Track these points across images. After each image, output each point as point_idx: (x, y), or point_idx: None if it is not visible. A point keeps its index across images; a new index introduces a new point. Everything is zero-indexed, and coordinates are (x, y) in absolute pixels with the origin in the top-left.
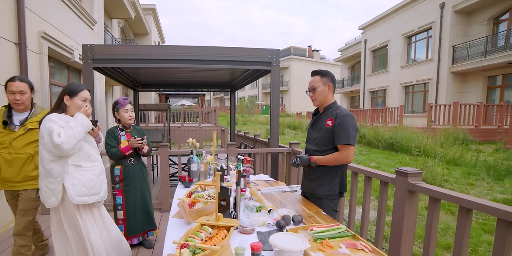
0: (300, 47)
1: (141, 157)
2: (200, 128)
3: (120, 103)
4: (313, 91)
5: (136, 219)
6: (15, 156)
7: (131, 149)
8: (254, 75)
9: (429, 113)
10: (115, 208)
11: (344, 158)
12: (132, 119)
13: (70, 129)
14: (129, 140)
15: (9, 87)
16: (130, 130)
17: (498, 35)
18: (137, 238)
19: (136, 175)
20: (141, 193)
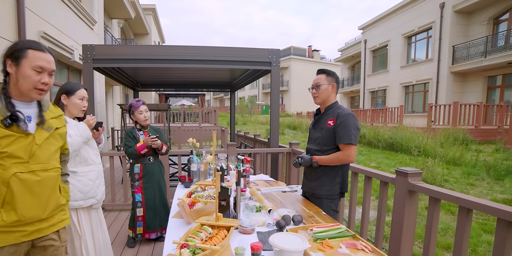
0: (300, 47)
1: (159, 156)
2: (200, 128)
3: (134, 105)
4: (317, 88)
5: (156, 215)
6: (44, 175)
7: (146, 148)
8: (254, 75)
9: (429, 113)
10: (134, 205)
11: (346, 157)
12: (148, 119)
13: (69, 137)
14: (144, 139)
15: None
16: (148, 130)
17: (498, 35)
18: (156, 233)
19: (155, 172)
20: (160, 190)
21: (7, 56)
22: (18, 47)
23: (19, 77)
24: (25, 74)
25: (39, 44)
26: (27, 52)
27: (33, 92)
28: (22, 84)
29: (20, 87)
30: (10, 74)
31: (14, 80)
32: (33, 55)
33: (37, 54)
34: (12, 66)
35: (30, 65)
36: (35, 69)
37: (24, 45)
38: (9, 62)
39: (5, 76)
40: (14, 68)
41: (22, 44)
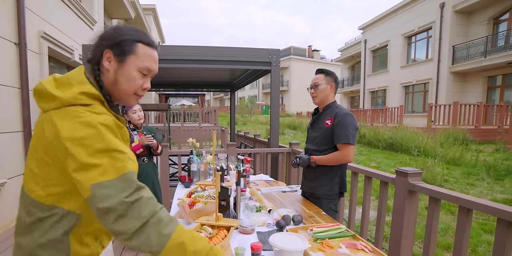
0: (300, 47)
1: (153, 157)
2: (200, 128)
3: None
4: (315, 88)
5: None
6: None
7: (141, 148)
8: (254, 75)
9: (429, 113)
10: None
11: (344, 157)
12: (142, 119)
13: None
14: (140, 139)
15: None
16: (141, 130)
17: (498, 35)
18: None
19: (149, 173)
20: (154, 191)
21: (109, 46)
22: (125, 37)
23: (120, 77)
24: (129, 75)
25: (150, 37)
26: (137, 46)
27: (131, 98)
28: (123, 87)
29: (119, 90)
30: (104, 69)
31: (111, 78)
32: (144, 52)
33: (148, 51)
34: (112, 60)
35: (138, 65)
36: (141, 71)
37: (133, 36)
38: (109, 54)
39: (97, 69)
40: (115, 64)
41: (130, 33)
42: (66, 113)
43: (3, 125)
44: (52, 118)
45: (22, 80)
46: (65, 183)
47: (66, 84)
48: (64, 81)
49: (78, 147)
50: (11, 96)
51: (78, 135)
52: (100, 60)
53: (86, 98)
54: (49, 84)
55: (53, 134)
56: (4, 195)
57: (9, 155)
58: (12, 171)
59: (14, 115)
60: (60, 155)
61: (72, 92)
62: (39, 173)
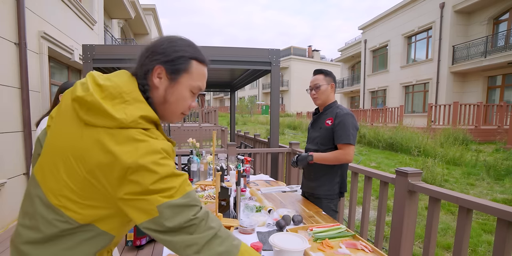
0: (300, 47)
1: None
2: (200, 128)
3: None
4: (317, 90)
5: None
6: None
7: None
8: (254, 75)
9: (429, 113)
10: None
11: (344, 157)
12: None
13: None
14: None
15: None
16: None
17: (498, 35)
18: (145, 238)
19: None
20: None
21: (161, 62)
22: (180, 54)
23: (170, 96)
24: (180, 95)
25: (204, 53)
26: (191, 64)
27: (177, 117)
28: (172, 106)
29: (167, 109)
30: (153, 85)
31: (159, 97)
32: (197, 70)
33: (201, 69)
34: (163, 77)
35: (190, 84)
36: (193, 90)
37: (189, 53)
38: (160, 70)
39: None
40: (166, 82)
41: (186, 49)
42: (125, 138)
43: (3, 125)
44: (104, 140)
45: (22, 80)
46: (111, 206)
47: (117, 97)
48: (114, 93)
49: (144, 173)
50: (11, 96)
51: (143, 161)
52: (148, 75)
53: (145, 122)
54: (97, 94)
55: (108, 159)
56: (4, 195)
57: (9, 155)
58: (12, 171)
59: (14, 115)
60: (112, 181)
61: (132, 115)
62: (78, 191)
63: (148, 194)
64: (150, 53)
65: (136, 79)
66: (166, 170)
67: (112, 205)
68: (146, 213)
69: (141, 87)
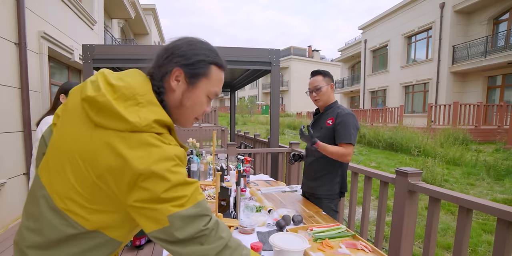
0: (300, 47)
1: None
2: (200, 128)
3: None
4: (317, 91)
5: None
6: None
7: None
8: (254, 75)
9: (429, 113)
10: None
11: (344, 156)
12: None
13: None
14: None
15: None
16: None
17: (498, 35)
18: (144, 238)
19: None
20: None
21: (181, 65)
22: (201, 58)
23: (186, 101)
24: (197, 99)
25: (223, 58)
26: (211, 69)
27: (191, 122)
28: (187, 111)
29: (182, 114)
30: (170, 87)
31: (175, 101)
32: (216, 75)
33: (219, 74)
34: (181, 81)
35: (208, 89)
36: (209, 96)
37: (209, 57)
38: (178, 73)
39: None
40: (184, 86)
41: (206, 53)
42: (138, 142)
43: (3, 125)
44: (115, 143)
45: (22, 80)
46: (119, 211)
47: (131, 99)
48: (127, 94)
49: (156, 180)
50: (11, 96)
51: (156, 168)
52: (165, 77)
53: (158, 126)
54: (109, 94)
55: (118, 163)
56: (4, 195)
57: (9, 155)
58: (12, 171)
59: (14, 115)
60: (122, 186)
61: (146, 118)
62: (86, 195)
63: (158, 203)
64: (169, 55)
65: (150, 80)
66: (179, 178)
67: (120, 210)
68: (156, 222)
69: (156, 89)
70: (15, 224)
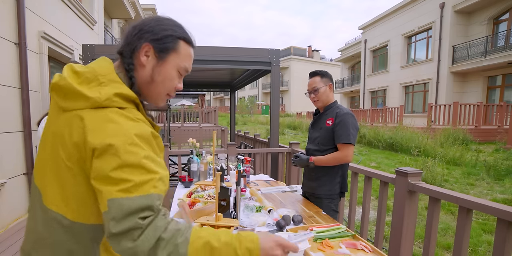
0: (300, 47)
1: None
2: (200, 128)
3: None
4: (316, 93)
5: None
6: None
7: None
8: (254, 75)
9: (429, 113)
10: None
11: (344, 157)
12: None
13: None
14: None
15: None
16: None
17: (498, 35)
18: None
19: None
20: None
21: (149, 40)
22: (169, 33)
23: (157, 76)
24: (167, 74)
25: (191, 35)
26: (179, 44)
27: (163, 98)
28: (158, 86)
29: (153, 89)
30: (139, 63)
31: (146, 76)
32: (185, 51)
33: (188, 50)
34: (151, 56)
35: (178, 64)
36: (180, 71)
37: (177, 32)
38: (148, 48)
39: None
40: (154, 61)
41: (174, 28)
42: (97, 117)
43: (3, 125)
44: (82, 120)
45: (22, 80)
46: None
47: (93, 80)
48: (90, 77)
49: (107, 156)
50: (11, 96)
51: (109, 142)
52: (134, 53)
53: (121, 100)
54: (72, 79)
55: (82, 138)
56: (4, 195)
57: (9, 155)
58: (12, 171)
59: (14, 115)
60: (87, 162)
61: (106, 93)
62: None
63: (105, 182)
64: (137, 32)
65: (121, 58)
66: (131, 158)
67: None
68: (101, 203)
69: (126, 66)
70: (15, 224)
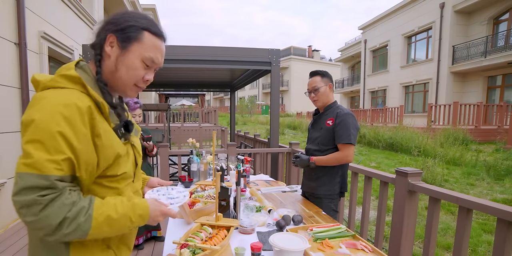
0: (300, 47)
1: (147, 157)
2: (200, 128)
3: (130, 107)
4: (316, 92)
5: None
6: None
7: None
8: (254, 75)
9: (429, 113)
10: None
11: (344, 157)
12: (138, 124)
13: None
14: None
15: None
16: None
17: (498, 35)
18: (142, 237)
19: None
20: None
21: (113, 31)
22: (131, 23)
23: (120, 65)
24: (130, 64)
25: (159, 27)
26: (143, 34)
27: (131, 89)
28: (122, 76)
29: (118, 79)
30: (106, 54)
31: (111, 67)
32: (150, 41)
33: (154, 41)
34: (115, 46)
35: (141, 53)
36: (145, 61)
37: (140, 23)
38: (112, 39)
39: (98, 53)
40: (118, 51)
41: (138, 20)
42: (37, 95)
43: (3, 125)
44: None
45: (22, 80)
46: None
47: (56, 74)
48: (55, 73)
49: (27, 129)
50: (11, 96)
51: (31, 118)
52: (103, 45)
53: (64, 81)
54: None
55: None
56: (4, 195)
57: (9, 155)
58: (12, 171)
59: (14, 115)
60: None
61: (52, 76)
62: None
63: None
64: (104, 24)
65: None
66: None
67: None
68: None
69: (96, 57)
70: (15, 224)
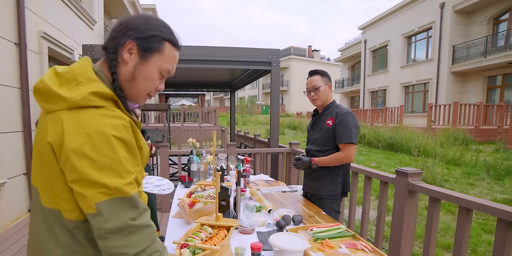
0: (300, 47)
1: None
2: (200, 128)
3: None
4: (316, 91)
5: None
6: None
7: None
8: (254, 75)
9: (429, 113)
10: None
11: (346, 157)
12: None
13: None
14: None
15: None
16: None
17: (498, 35)
18: None
19: None
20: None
21: (134, 38)
22: (155, 33)
23: (138, 74)
24: (149, 74)
25: (178, 37)
26: (164, 45)
27: (143, 98)
28: (139, 85)
29: (134, 88)
30: (122, 60)
31: (128, 75)
32: (170, 52)
33: (173, 52)
34: (134, 54)
35: (161, 65)
36: (162, 72)
37: (163, 33)
38: (132, 46)
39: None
40: (137, 59)
41: (161, 29)
42: (75, 118)
43: (3, 125)
44: (62, 122)
45: (22, 80)
46: None
47: (72, 81)
48: (69, 77)
49: (84, 160)
50: (11, 96)
51: (85, 146)
52: (118, 49)
53: (97, 99)
54: (52, 82)
55: (60, 141)
56: (4, 195)
57: (9, 155)
58: (12, 171)
59: (14, 115)
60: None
61: (82, 92)
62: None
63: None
64: (123, 28)
65: (105, 53)
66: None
67: None
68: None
69: (109, 61)
70: (15, 224)
